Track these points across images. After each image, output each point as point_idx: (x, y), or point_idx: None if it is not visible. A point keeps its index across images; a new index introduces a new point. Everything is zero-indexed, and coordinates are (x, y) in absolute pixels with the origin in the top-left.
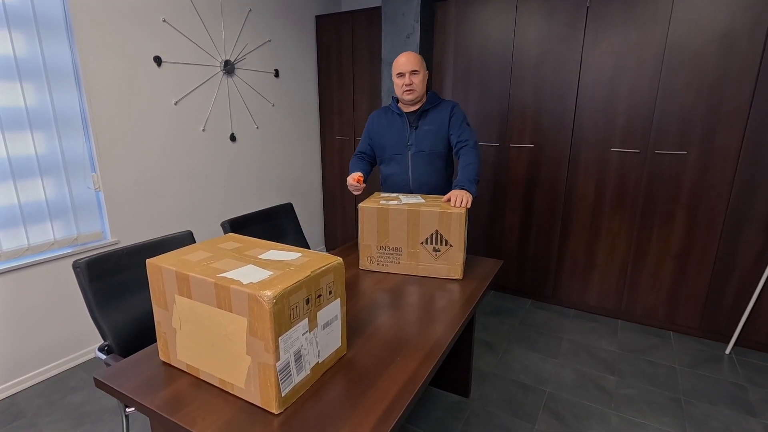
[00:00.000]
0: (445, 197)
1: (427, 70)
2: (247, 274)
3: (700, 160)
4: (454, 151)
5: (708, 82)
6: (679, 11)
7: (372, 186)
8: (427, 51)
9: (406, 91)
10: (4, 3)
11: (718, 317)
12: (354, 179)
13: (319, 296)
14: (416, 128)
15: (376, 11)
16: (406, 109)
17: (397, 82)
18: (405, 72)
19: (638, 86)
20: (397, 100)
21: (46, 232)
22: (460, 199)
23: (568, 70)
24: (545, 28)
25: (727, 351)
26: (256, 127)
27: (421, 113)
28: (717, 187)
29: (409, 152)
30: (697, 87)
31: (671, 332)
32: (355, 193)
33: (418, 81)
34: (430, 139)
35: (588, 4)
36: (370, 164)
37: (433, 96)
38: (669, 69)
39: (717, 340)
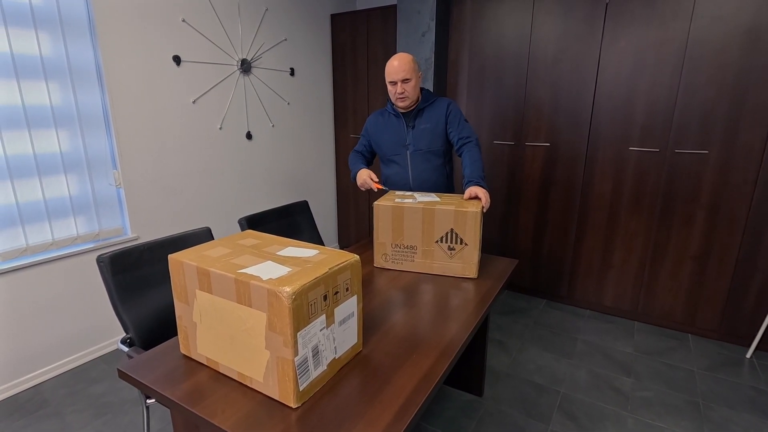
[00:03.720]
0: (467, 194)
1: (420, 71)
2: (267, 271)
3: (722, 159)
4: (456, 147)
5: (731, 78)
6: (701, 7)
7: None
8: (442, 49)
9: (399, 98)
10: (31, 4)
11: (738, 320)
12: (375, 184)
13: (337, 293)
14: (413, 127)
15: (391, 9)
16: (402, 110)
17: (390, 89)
18: (396, 80)
19: (658, 84)
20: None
21: (69, 228)
22: (486, 197)
23: (585, 68)
24: (562, 26)
25: (748, 355)
26: (271, 125)
27: (416, 112)
28: (739, 186)
29: (408, 152)
30: (720, 84)
31: (690, 335)
32: (362, 188)
33: (410, 88)
34: (427, 138)
35: (607, 1)
36: (369, 162)
37: (427, 94)
38: (690, 66)
39: (737, 343)
